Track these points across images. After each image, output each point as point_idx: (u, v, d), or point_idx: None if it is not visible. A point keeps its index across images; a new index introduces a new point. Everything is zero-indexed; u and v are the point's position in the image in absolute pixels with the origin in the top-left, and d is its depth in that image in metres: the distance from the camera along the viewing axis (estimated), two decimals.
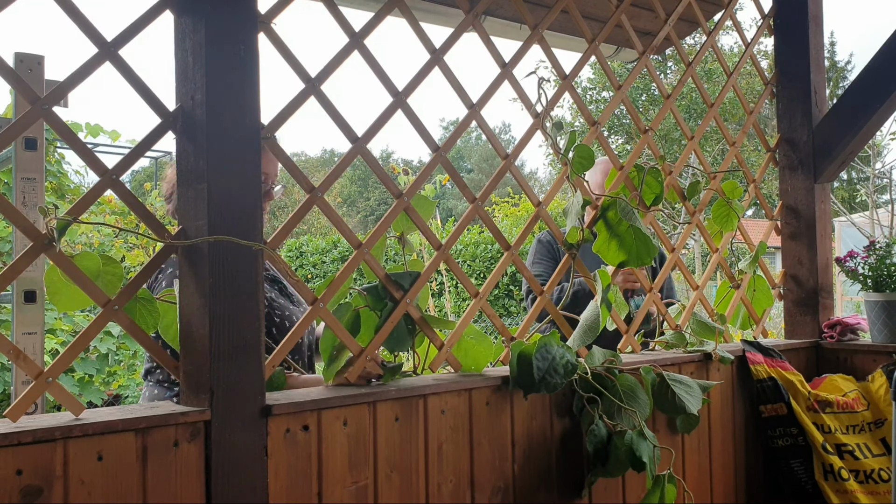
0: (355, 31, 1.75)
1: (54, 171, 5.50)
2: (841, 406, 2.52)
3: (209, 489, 1.41)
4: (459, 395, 1.78)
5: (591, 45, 2.27)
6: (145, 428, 1.35)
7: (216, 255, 1.43)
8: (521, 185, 2.12)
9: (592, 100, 19.16)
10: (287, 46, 1.63)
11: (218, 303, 1.42)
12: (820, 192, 2.86)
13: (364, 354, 1.73)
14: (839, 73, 21.66)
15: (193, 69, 1.46)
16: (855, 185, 18.55)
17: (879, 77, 2.66)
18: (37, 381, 1.32)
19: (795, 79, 2.87)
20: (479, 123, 1.99)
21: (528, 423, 1.91)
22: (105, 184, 1.43)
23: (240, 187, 1.47)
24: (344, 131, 1.74)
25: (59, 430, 1.26)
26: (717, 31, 2.69)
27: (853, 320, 2.82)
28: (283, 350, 1.63)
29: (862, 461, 2.45)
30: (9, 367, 4.53)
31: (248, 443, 1.45)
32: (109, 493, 1.31)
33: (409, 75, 1.87)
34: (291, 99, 1.65)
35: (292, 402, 1.52)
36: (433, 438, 1.73)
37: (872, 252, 2.67)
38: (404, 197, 1.83)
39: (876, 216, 10.91)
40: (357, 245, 1.74)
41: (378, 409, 1.64)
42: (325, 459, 1.56)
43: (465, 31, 1.98)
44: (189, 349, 1.47)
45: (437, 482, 1.73)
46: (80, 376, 5.38)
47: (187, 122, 1.48)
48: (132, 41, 1.45)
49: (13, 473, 1.22)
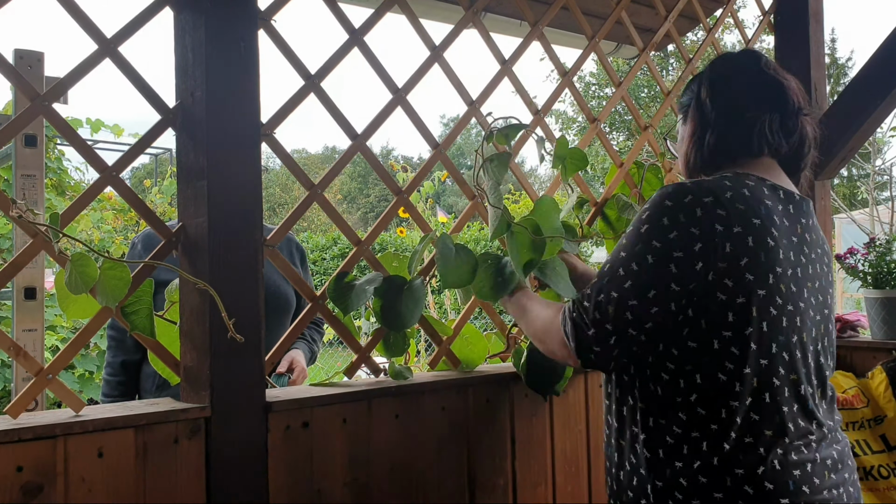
0: (355, 28, 1.75)
1: (54, 168, 5.50)
2: (840, 403, 2.53)
3: (209, 485, 1.41)
4: (459, 392, 1.79)
5: (592, 41, 2.27)
6: (146, 424, 1.35)
7: (216, 252, 1.43)
8: (520, 181, 2.12)
9: (595, 95, 19.16)
10: (287, 43, 1.63)
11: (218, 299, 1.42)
12: (820, 189, 2.85)
13: (363, 352, 1.74)
14: (840, 70, 21.63)
15: (193, 66, 1.46)
16: (855, 182, 18.56)
17: (880, 74, 2.65)
18: (37, 377, 1.32)
19: (795, 76, 2.85)
20: (478, 120, 1.98)
21: (529, 420, 1.92)
22: (105, 181, 1.43)
23: (240, 184, 1.47)
24: (344, 128, 1.74)
25: (60, 426, 1.27)
26: (718, 28, 2.68)
27: (853, 317, 2.82)
28: (283, 347, 1.63)
29: (861, 458, 2.45)
30: (9, 363, 4.53)
31: (248, 439, 1.45)
32: (110, 490, 1.31)
33: (409, 72, 1.87)
34: (291, 96, 1.65)
35: (292, 398, 1.52)
36: (433, 435, 1.73)
37: (872, 249, 2.67)
38: (403, 194, 1.83)
39: (876, 213, 10.92)
40: (357, 242, 1.75)
41: (378, 406, 1.65)
42: (324, 456, 1.56)
43: (464, 27, 1.98)
44: (189, 346, 1.47)
45: (437, 479, 1.73)
46: (81, 373, 5.38)
47: (187, 118, 1.48)
48: (132, 38, 1.45)
49: (13, 470, 1.22)
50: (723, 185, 1.33)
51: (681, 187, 1.33)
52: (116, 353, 2.19)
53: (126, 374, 2.19)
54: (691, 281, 1.29)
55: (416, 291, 1.73)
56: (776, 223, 1.33)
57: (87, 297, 1.38)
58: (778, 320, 1.30)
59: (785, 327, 1.31)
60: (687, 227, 1.29)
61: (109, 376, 2.19)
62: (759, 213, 1.32)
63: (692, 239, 1.28)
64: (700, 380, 1.31)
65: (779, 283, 1.30)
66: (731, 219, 1.29)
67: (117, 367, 2.18)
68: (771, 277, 1.29)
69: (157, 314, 1.50)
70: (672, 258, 1.29)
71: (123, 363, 2.18)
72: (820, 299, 1.41)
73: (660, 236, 1.30)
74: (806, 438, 1.32)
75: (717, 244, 1.28)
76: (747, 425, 1.29)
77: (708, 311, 1.30)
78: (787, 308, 1.31)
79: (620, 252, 1.35)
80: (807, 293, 1.36)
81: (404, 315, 1.70)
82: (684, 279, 1.29)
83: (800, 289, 1.34)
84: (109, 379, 2.19)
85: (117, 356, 2.19)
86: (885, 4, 38.91)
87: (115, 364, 2.19)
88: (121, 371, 2.18)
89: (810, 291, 1.37)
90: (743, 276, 1.28)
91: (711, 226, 1.28)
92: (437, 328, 1.86)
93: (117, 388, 2.19)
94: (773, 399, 1.30)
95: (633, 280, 1.31)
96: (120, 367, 2.18)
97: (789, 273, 1.33)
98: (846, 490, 1.35)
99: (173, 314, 1.55)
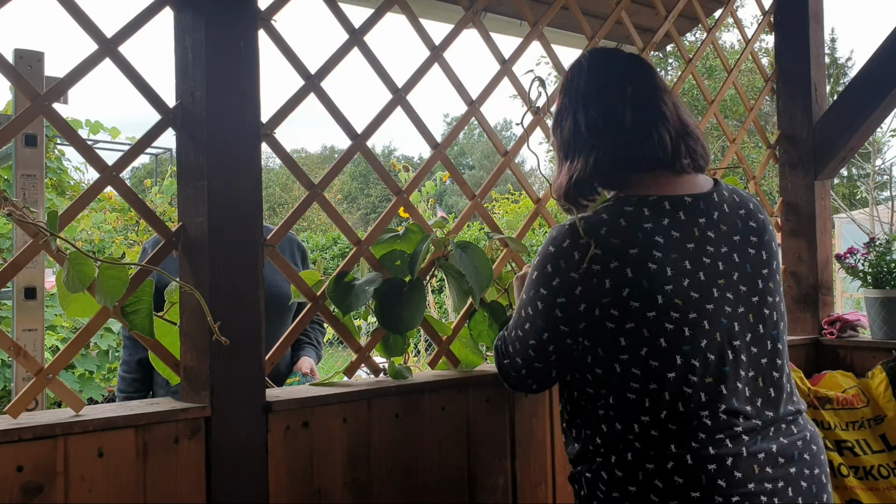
0: (355, 28, 1.75)
1: (54, 168, 5.50)
2: (840, 402, 2.53)
3: (209, 486, 1.41)
4: (459, 392, 1.79)
5: (591, 41, 2.27)
6: (146, 424, 1.35)
7: (216, 252, 1.43)
8: (520, 182, 2.12)
9: None
10: (287, 43, 1.63)
11: (217, 299, 1.42)
12: (820, 189, 2.85)
13: (363, 352, 1.74)
14: (840, 70, 21.63)
15: (193, 66, 1.46)
16: (855, 182, 18.56)
17: (880, 74, 2.65)
18: (37, 377, 1.33)
19: (796, 75, 2.86)
20: (478, 120, 1.98)
21: (529, 420, 1.92)
22: (105, 180, 1.43)
23: (240, 184, 1.47)
24: (344, 128, 1.74)
25: (60, 426, 1.27)
26: (718, 28, 2.68)
27: (853, 317, 2.81)
28: (283, 346, 1.63)
29: (861, 458, 2.45)
30: (9, 363, 4.53)
31: (249, 439, 1.45)
32: (110, 490, 1.31)
33: (409, 72, 1.87)
34: (291, 96, 1.65)
35: (292, 398, 1.52)
36: (433, 435, 1.73)
37: (872, 249, 2.67)
38: (403, 194, 1.83)
39: (876, 213, 10.91)
40: (356, 242, 1.75)
41: (378, 406, 1.65)
42: (324, 456, 1.56)
43: (464, 27, 1.98)
44: (189, 346, 1.47)
45: (437, 479, 1.73)
46: (81, 373, 5.38)
47: (187, 118, 1.48)
48: (132, 38, 1.45)
49: (14, 470, 1.22)
50: (598, 220, 1.37)
51: (561, 231, 1.40)
52: (133, 350, 2.26)
53: (142, 371, 2.26)
54: (578, 322, 1.39)
55: (417, 293, 1.73)
56: (659, 244, 1.35)
57: (86, 296, 1.38)
58: (678, 332, 1.33)
59: (689, 336, 1.33)
60: (567, 273, 1.37)
61: (125, 373, 2.28)
62: (637, 242, 1.34)
63: (572, 284, 1.37)
64: (612, 400, 1.38)
65: (672, 299, 1.33)
66: (607, 256, 1.34)
67: (133, 365, 2.26)
68: (660, 298, 1.33)
69: (156, 315, 1.50)
70: (556, 304, 1.39)
71: (139, 361, 2.25)
72: (742, 289, 1.40)
73: (545, 284, 1.41)
74: (730, 431, 1.33)
75: (595, 284, 1.35)
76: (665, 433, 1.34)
77: (601, 341, 1.38)
78: (688, 317, 1.33)
79: (523, 294, 1.48)
80: (717, 292, 1.37)
81: (405, 318, 1.70)
82: (571, 321, 1.39)
83: (704, 294, 1.35)
84: (125, 376, 2.28)
85: (133, 354, 2.26)
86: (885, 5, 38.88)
87: (132, 362, 2.26)
88: (137, 368, 2.26)
89: (723, 288, 1.37)
90: (628, 304, 1.34)
91: (589, 268, 1.34)
92: (436, 328, 1.86)
93: (132, 384, 2.27)
94: (688, 406, 1.33)
95: (530, 322, 1.45)
96: (136, 364, 2.26)
97: (685, 283, 1.34)
98: (792, 485, 1.34)
99: (173, 315, 1.55)
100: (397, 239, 1.81)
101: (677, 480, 1.31)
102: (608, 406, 1.39)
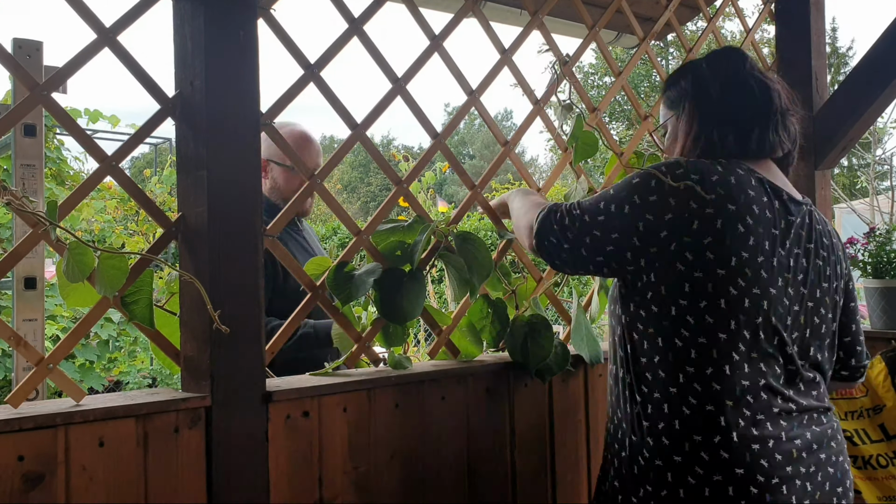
0: (354, 17, 1.74)
1: (54, 158, 5.49)
2: (839, 392, 2.53)
3: (210, 475, 1.41)
4: (458, 382, 1.79)
5: (592, 30, 2.26)
6: (146, 414, 1.36)
7: (215, 242, 1.43)
8: (520, 171, 2.12)
9: (594, 85, 19.11)
10: (286, 32, 1.63)
11: (217, 290, 1.42)
12: (820, 179, 2.85)
13: (363, 342, 1.74)
14: (840, 60, 21.57)
15: (192, 55, 1.46)
16: (855, 172, 18.53)
17: (881, 63, 2.64)
18: (38, 367, 1.33)
19: (796, 65, 2.85)
20: (478, 110, 1.98)
21: (528, 410, 1.92)
22: (104, 170, 1.43)
23: (239, 174, 1.47)
24: (343, 118, 1.74)
25: (61, 416, 1.27)
26: (719, 17, 2.67)
27: None
28: (283, 336, 1.63)
29: (860, 447, 2.46)
30: (10, 353, 4.54)
31: (249, 429, 1.46)
32: (111, 479, 1.31)
33: (409, 62, 1.87)
34: (291, 85, 1.65)
35: (293, 388, 1.52)
36: (433, 424, 1.73)
37: (872, 239, 2.67)
38: (403, 184, 1.83)
39: (876, 203, 10.89)
40: (356, 232, 1.75)
41: (378, 396, 1.65)
42: (325, 445, 1.57)
43: (464, 16, 1.97)
44: (189, 335, 1.47)
45: (437, 468, 1.74)
46: (81, 362, 5.39)
47: (186, 108, 1.47)
48: (131, 27, 1.44)
49: (14, 459, 1.22)
50: (713, 168, 1.42)
51: (677, 161, 1.45)
52: None
53: None
54: (651, 245, 1.41)
55: (417, 283, 1.73)
56: (754, 212, 1.39)
57: (86, 286, 1.38)
58: (739, 300, 1.37)
59: (748, 308, 1.37)
60: (667, 196, 1.40)
61: None
62: (738, 201, 1.39)
63: (666, 207, 1.40)
64: (661, 343, 1.41)
65: (743, 267, 1.37)
66: (707, 199, 1.38)
67: None
68: (734, 260, 1.36)
69: (156, 304, 1.50)
70: (643, 218, 1.41)
71: None
72: (803, 292, 1.46)
73: (642, 194, 1.43)
74: (769, 412, 1.37)
75: (685, 219, 1.38)
76: (708, 394, 1.37)
77: (666, 279, 1.40)
78: (751, 291, 1.37)
79: (610, 190, 1.49)
80: (782, 282, 1.41)
81: (405, 308, 1.71)
82: (647, 240, 1.41)
83: (771, 278, 1.40)
84: None
85: None
86: None
87: None
88: None
89: (790, 283, 1.43)
90: (704, 253, 1.37)
91: (687, 201, 1.38)
92: (436, 318, 1.86)
93: None
94: (734, 372, 1.36)
95: (605, 217, 1.46)
96: None
97: (759, 260, 1.38)
98: (822, 470, 1.41)
99: (173, 305, 1.55)
100: (397, 229, 1.82)
101: (723, 456, 1.35)
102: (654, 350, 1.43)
